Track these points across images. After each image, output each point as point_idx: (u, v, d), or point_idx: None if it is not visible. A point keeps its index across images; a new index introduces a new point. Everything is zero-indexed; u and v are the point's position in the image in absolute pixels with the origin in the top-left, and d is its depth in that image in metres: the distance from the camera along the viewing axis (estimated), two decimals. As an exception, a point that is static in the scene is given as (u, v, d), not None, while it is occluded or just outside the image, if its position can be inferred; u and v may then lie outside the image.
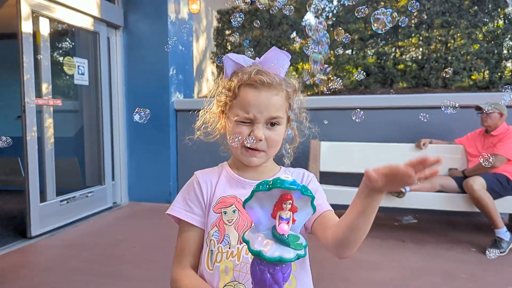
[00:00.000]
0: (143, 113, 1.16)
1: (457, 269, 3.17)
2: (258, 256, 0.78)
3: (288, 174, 0.79)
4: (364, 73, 1.23)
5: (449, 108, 1.07)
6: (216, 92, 1.22)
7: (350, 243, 1.00)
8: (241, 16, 1.28)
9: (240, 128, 1.11)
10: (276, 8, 1.12)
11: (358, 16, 1.09)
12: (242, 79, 1.11)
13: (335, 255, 1.07)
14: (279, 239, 0.78)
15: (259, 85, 1.10)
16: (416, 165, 0.83)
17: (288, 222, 0.78)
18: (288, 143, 1.24)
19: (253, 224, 0.84)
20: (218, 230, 1.13)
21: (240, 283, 1.07)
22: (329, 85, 1.14)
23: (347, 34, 1.07)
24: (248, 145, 1.11)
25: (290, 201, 0.78)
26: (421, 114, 1.36)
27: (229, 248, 1.10)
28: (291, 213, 0.79)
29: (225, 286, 1.08)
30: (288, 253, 0.77)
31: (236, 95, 1.13)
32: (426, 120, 1.33)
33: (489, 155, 1.19)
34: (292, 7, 1.18)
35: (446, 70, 5.24)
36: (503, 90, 0.95)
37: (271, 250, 0.77)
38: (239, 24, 1.20)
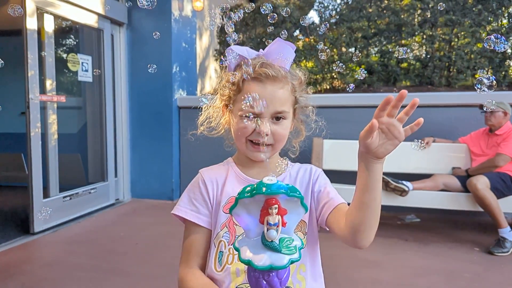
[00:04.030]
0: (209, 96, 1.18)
1: (460, 269, 3.16)
2: (248, 265, 0.77)
3: (272, 176, 0.76)
4: (365, 72, 1.22)
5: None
6: (219, 85, 1.18)
7: (363, 226, 0.97)
8: (235, 39, 1.27)
9: (244, 123, 1.08)
10: (275, 17, 1.11)
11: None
12: (246, 73, 1.07)
13: (353, 245, 1.02)
14: (269, 246, 0.76)
15: (263, 79, 1.07)
16: (383, 108, 0.85)
17: (277, 227, 0.76)
18: (294, 137, 1.22)
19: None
20: (228, 231, 1.10)
21: None
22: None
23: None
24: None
25: (277, 205, 0.75)
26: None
27: None
28: (279, 217, 0.76)
29: None
30: (280, 260, 0.75)
31: (240, 89, 1.10)
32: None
33: None
34: (289, 9, 1.17)
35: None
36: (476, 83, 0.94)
37: (262, 258, 0.75)
38: (235, 42, 1.16)
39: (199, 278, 1.10)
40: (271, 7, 1.15)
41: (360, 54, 5.85)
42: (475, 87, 0.94)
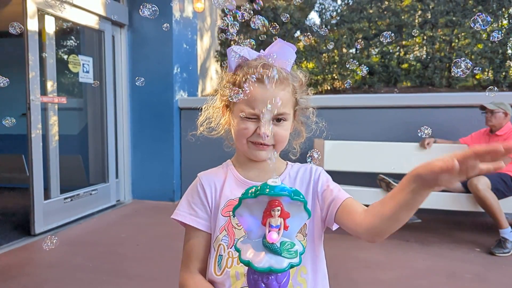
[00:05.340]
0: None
1: (462, 269, 3.16)
2: (248, 266, 0.76)
3: (276, 178, 0.75)
4: (367, 69, 1.21)
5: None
6: (220, 86, 1.17)
7: (386, 232, 0.96)
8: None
9: (245, 124, 1.07)
10: (277, 27, 1.11)
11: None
12: (247, 74, 1.07)
13: (364, 240, 1.02)
14: (270, 248, 0.75)
15: (264, 80, 1.05)
16: (482, 155, 0.72)
17: (279, 230, 0.75)
18: (295, 138, 1.21)
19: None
20: (227, 234, 1.10)
21: None
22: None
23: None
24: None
25: (279, 208, 0.75)
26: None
27: None
28: (282, 219, 0.76)
29: None
30: (280, 263, 0.74)
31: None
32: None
33: None
34: (288, 15, 1.17)
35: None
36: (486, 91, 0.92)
37: (261, 260, 0.75)
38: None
39: (199, 282, 1.10)
40: (264, 19, 1.15)
41: (363, 42, 5.85)
42: (452, 69, 0.94)
